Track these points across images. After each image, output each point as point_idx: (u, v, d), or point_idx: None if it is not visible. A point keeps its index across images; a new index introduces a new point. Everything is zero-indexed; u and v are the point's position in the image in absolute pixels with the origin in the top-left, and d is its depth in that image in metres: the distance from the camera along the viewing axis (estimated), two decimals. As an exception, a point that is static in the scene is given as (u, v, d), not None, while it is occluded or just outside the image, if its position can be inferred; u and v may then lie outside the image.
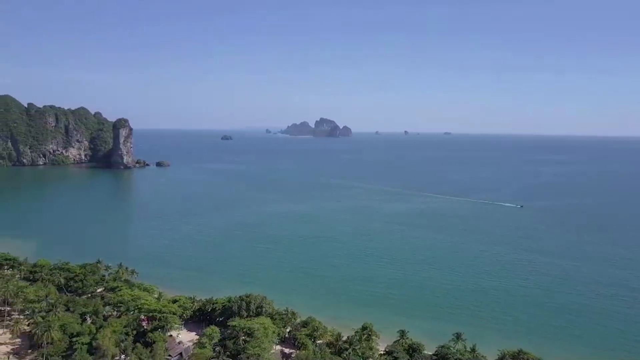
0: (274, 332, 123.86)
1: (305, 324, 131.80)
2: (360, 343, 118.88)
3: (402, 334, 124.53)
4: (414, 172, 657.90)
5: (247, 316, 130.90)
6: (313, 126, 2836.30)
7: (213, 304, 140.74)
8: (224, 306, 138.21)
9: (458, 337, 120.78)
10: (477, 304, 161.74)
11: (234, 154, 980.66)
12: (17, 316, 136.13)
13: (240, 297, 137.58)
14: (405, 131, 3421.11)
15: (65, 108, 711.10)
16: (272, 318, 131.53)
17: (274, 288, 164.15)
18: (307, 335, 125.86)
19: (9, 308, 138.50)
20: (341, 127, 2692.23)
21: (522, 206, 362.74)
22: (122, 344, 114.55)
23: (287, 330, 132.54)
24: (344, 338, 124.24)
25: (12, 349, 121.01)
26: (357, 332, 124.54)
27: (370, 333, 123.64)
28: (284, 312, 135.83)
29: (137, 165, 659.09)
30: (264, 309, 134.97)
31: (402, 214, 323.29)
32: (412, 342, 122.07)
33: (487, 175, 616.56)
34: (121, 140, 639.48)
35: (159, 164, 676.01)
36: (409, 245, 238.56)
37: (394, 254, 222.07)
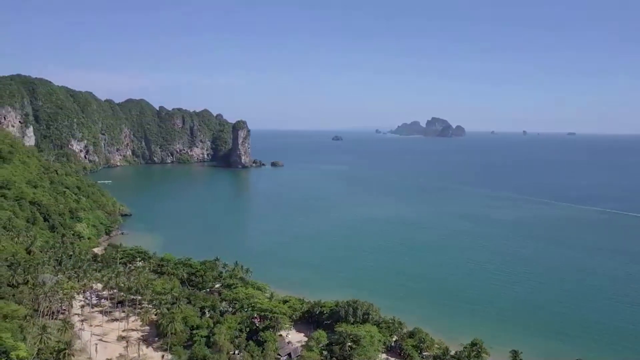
0: (380, 340, 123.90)
1: (411, 335, 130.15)
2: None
3: (515, 354, 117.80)
4: (533, 176, 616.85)
5: (353, 322, 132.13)
6: (424, 126, 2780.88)
7: (321, 307, 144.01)
8: (331, 310, 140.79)
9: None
10: (613, 334, 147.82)
11: (343, 155, 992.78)
12: (146, 306, 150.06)
13: (347, 302, 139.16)
14: (524, 131, 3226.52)
15: (191, 110, 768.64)
16: (378, 326, 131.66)
17: (380, 294, 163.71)
18: (413, 346, 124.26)
19: (139, 297, 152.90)
20: (454, 127, 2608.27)
21: None
22: (236, 341, 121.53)
23: (394, 339, 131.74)
24: (452, 353, 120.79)
25: (141, 336, 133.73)
26: (465, 347, 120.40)
27: (480, 350, 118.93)
28: (390, 321, 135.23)
29: (254, 165, 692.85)
30: (370, 316, 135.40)
31: (520, 223, 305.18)
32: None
33: (621, 182, 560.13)
34: (240, 141, 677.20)
35: (273, 164, 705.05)
36: (526, 259, 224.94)
37: (508, 267, 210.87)
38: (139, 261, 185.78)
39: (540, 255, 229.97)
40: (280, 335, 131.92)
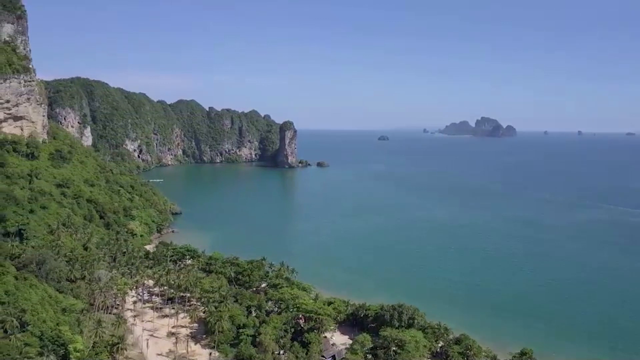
0: (425, 346, 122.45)
1: (458, 341, 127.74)
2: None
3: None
4: (590, 179, 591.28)
5: (398, 326, 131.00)
6: (473, 125, 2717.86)
7: (366, 310, 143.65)
8: (376, 313, 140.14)
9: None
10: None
11: (390, 155, 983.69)
12: (195, 303, 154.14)
13: (392, 306, 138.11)
14: (579, 131, 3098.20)
15: (239, 111, 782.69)
16: (423, 331, 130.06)
17: (426, 299, 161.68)
18: (459, 353, 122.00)
19: (188, 295, 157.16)
20: (504, 127, 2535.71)
21: None
22: (281, 341, 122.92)
23: (439, 345, 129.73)
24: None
25: (190, 333, 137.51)
26: (514, 356, 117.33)
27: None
28: (436, 326, 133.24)
29: (300, 165, 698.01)
30: (415, 321, 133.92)
31: (577, 229, 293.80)
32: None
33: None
34: (286, 141, 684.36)
35: (319, 164, 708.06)
36: (584, 267, 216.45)
37: (561, 275, 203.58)
38: (189, 259, 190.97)
39: (604, 263, 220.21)
40: (325, 337, 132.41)
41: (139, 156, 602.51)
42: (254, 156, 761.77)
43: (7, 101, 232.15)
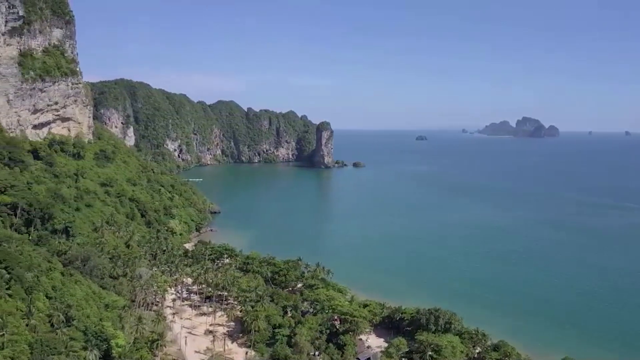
0: (461, 351, 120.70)
1: (496, 348, 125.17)
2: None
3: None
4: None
5: (434, 331, 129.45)
6: (514, 126, 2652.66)
7: (402, 313, 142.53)
8: (412, 317, 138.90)
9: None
10: None
11: (427, 155, 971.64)
12: (232, 302, 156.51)
13: (429, 310, 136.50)
14: (626, 131, 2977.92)
15: (277, 112, 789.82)
16: (460, 336, 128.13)
17: (463, 303, 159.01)
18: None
19: (226, 293, 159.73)
20: (546, 127, 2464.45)
21: None
22: (317, 342, 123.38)
23: (477, 351, 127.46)
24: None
25: (227, 331, 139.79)
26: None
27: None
28: (473, 332, 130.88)
29: (336, 165, 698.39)
30: (452, 326, 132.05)
31: (624, 234, 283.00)
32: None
33: None
34: (323, 141, 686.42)
35: (355, 165, 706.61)
36: (629, 274, 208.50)
37: (607, 281, 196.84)
38: (226, 258, 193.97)
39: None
40: (360, 339, 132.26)
41: (179, 156, 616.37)
42: (290, 156, 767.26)
43: (56, 103, 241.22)
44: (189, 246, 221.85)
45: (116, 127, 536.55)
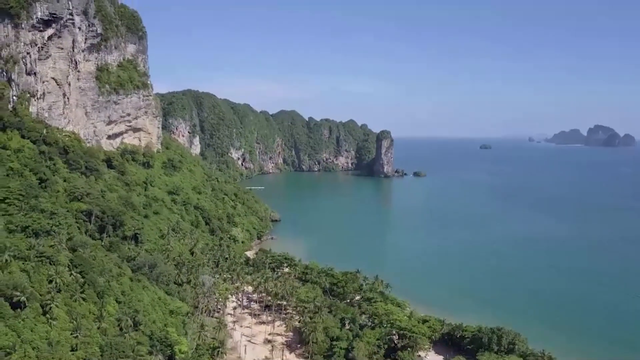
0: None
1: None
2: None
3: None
4: None
5: (497, 351, 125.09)
6: (585, 134, 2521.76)
7: (462, 331, 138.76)
8: (473, 335, 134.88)
9: None
10: None
11: (492, 165, 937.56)
12: (291, 312, 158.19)
13: (491, 329, 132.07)
14: None
15: (337, 121, 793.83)
16: (524, 358, 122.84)
17: (527, 322, 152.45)
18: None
19: (285, 303, 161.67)
20: (621, 135, 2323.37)
21: None
22: (374, 357, 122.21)
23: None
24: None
25: (285, 341, 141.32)
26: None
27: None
28: (539, 354, 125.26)
29: (396, 174, 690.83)
30: (516, 347, 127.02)
31: None
32: None
33: None
34: (383, 150, 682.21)
35: (416, 174, 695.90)
36: None
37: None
38: (286, 267, 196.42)
39: None
40: (419, 356, 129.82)
41: (242, 164, 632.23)
42: (350, 165, 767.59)
43: (128, 114, 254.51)
44: (250, 254, 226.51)
45: (183, 136, 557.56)
